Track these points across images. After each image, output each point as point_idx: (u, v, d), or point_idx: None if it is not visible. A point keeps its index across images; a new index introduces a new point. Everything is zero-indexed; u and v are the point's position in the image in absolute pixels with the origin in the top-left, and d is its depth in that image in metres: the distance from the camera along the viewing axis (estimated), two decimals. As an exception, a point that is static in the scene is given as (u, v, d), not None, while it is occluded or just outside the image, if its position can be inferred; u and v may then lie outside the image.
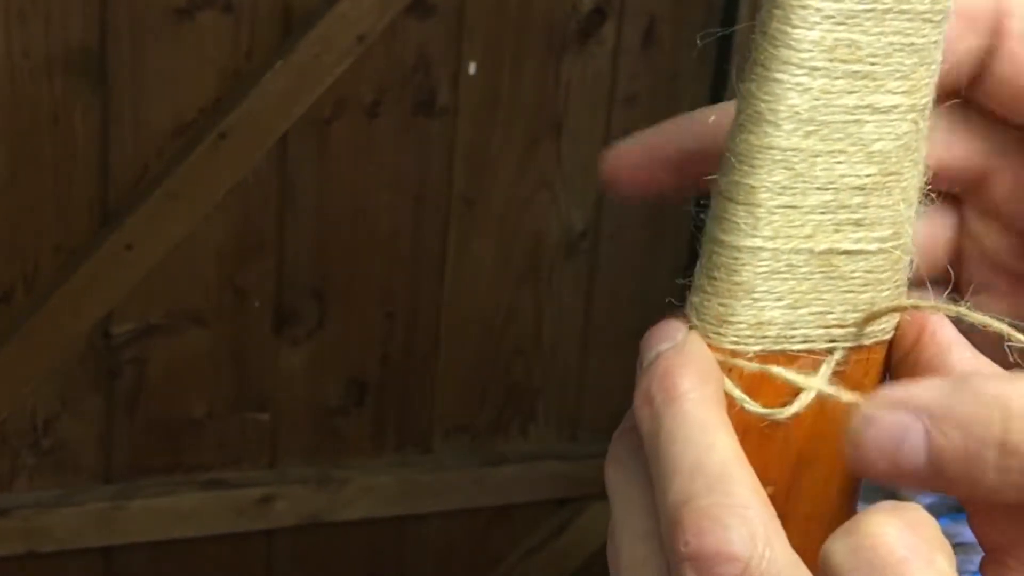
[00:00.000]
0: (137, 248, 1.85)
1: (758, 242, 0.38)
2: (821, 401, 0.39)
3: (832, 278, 0.38)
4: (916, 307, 0.39)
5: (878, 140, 0.38)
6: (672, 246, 2.09)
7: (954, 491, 0.35)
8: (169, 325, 1.93)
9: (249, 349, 1.98)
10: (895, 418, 0.35)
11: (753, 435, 0.38)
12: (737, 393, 0.38)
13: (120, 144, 1.83)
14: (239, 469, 2.02)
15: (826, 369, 0.39)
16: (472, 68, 1.93)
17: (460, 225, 2.01)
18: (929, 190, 0.40)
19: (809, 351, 0.39)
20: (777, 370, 0.39)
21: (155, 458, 1.99)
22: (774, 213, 0.38)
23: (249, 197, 1.90)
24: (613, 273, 2.09)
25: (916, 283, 0.41)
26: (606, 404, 2.16)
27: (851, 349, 0.39)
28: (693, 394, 0.37)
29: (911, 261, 0.40)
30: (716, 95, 2.03)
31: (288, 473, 2.04)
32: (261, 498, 2.02)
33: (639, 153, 0.43)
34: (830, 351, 0.39)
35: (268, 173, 1.90)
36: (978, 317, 0.38)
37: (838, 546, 0.33)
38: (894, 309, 0.39)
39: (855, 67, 0.37)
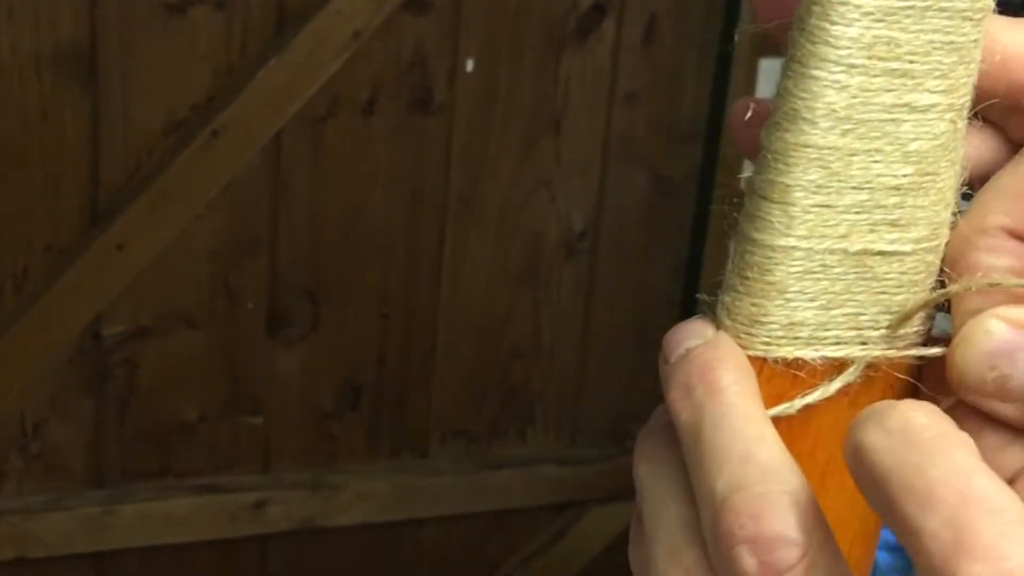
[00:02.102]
0: (128, 248, 1.84)
1: (792, 241, 0.38)
2: (851, 407, 0.39)
3: (866, 279, 0.38)
4: (946, 296, 0.39)
5: (915, 139, 0.37)
6: (672, 246, 2.08)
7: None
8: (160, 327, 1.92)
9: (242, 351, 1.97)
10: (1018, 334, 0.36)
11: (798, 436, 0.38)
12: None
13: (110, 142, 1.82)
14: (232, 474, 2.02)
15: (854, 369, 0.39)
16: (469, 65, 1.92)
17: (457, 225, 2.00)
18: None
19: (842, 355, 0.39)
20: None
21: (146, 462, 1.98)
22: (809, 212, 0.37)
23: (242, 196, 1.89)
24: (613, 274, 2.08)
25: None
26: (605, 408, 2.15)
27: (882, 353, 0.40)
28: (736, 387, 0.37)
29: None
30: (718, 93, 2.02)
31: (282, 478, 2.03)
32: (254, 503, 2.01)
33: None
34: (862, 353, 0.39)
35: (261, 172, 1.89)
36: (1014, 280, 0.38)
37: (870, 431, 0.33)
38: (925, 304, 0.39)
39: (893, 65, 0.37)
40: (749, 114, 0.40)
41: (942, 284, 0.39)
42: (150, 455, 1.98)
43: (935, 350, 0.39)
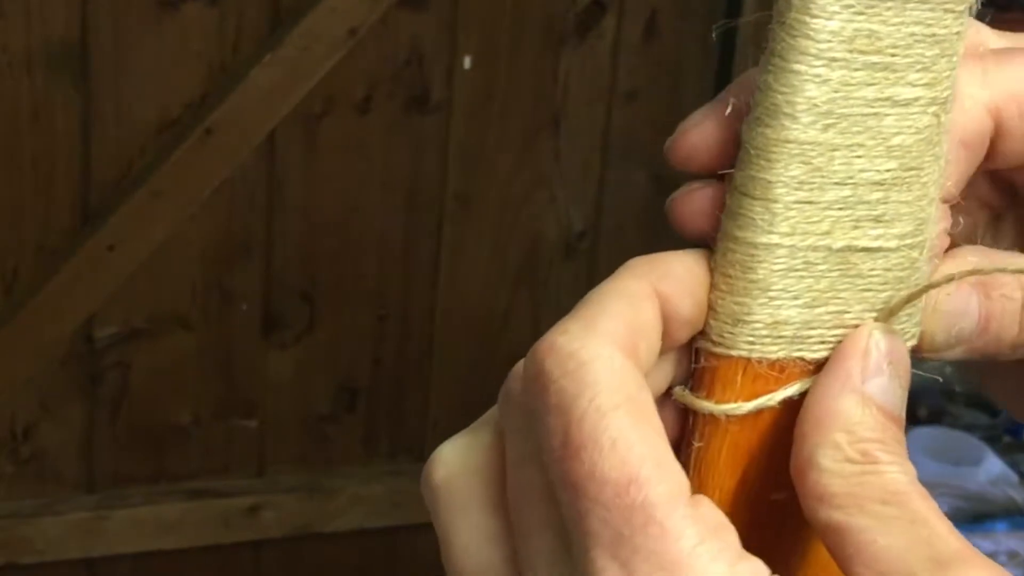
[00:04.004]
0: (120, 249, 1.84)
1: (774, 239, 0.37)
2: None
3: (850, 276, 0.38)
4: (929, 288, 0.38)
5: (898, 134, 0.37)
6: (672, 246, 2.07)
7: (988, 349, 0.40)
8: (153, 329, 1.91)
9: (236, 353, 1.96)
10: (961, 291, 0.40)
11: (769, 440, 0.38)
12: (689, 397, 0.39)
13: (102, 141, 1.81)
14: (226, 478, 2.01)
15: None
16: (467, 62, 1.92)
17: (455, 225, 1.99)
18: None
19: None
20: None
21: (139, 466, 1.97)
22: (791, 209, 0.37)
23: (236, 196, 1.88)
24: (613, 274, 2.07)
25: None
26: (606, 410, 2.14)
27: None
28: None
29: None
30: (720, 91, 2.00)
31: (277, 482, 2.02)
32: (249, 508, 2.01)
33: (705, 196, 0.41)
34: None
35: (255, 171, 1.88)
36: (992, 267, 0.39)
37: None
38: (909, 299, 0.38)
39: (875, 58, 0.36)
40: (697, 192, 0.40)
41: None
42: (142, 459, 1.97)
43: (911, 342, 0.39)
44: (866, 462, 0.35)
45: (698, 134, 0.40)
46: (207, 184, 1.85)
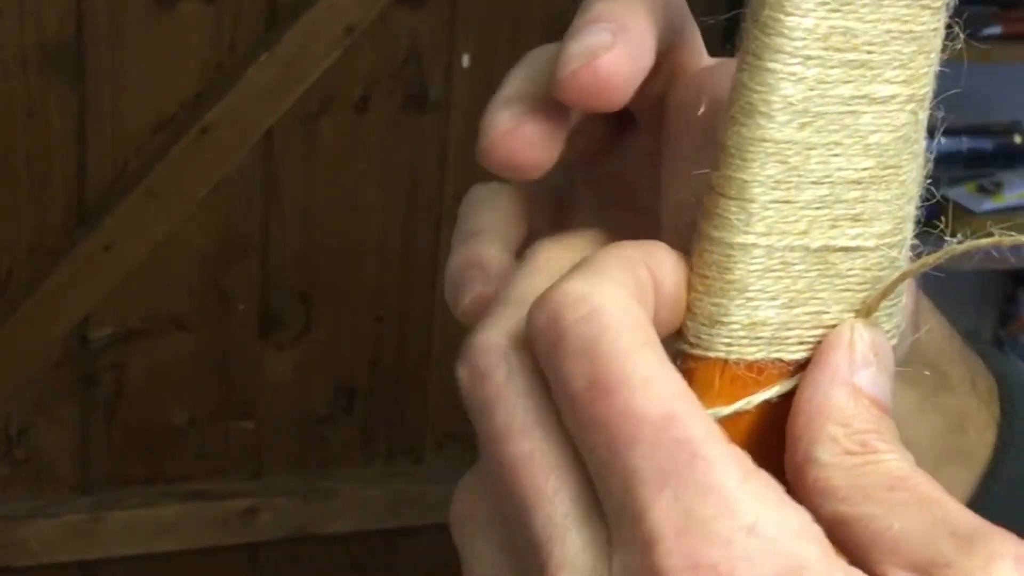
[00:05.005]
0: (116, 249, 1.84)
1: (751, 239, 0.37)
2: None
3: (828, 276, 0.38)
4: (904, 278, 0.38)
5: (875, 132, 0.37)
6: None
7: None
8: (149, 329, 1.91)
9: (233, 354, 1.96)
10: None
11: (747, 442, 0.37)
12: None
13: (98, 140, 1.81)
14: (222, 480, 2.01)
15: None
16: (466, 60, 1.91)
17: (453, 225, 1.95)
18: None
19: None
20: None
21: (135, 468, 1.97)
22: (767, 208, 0.37)
23: (233, 195, 1.88)
24: (614, 275, 2.07)
25: None
26: (606, 411, 2.14)
27: None
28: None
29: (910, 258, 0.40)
30: (721, 89, 2.00)
31: (273, 484, 2.02)
32: (245, 510, 2.00)
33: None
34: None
35: (252, 170, 1.87)
36: (964, 246, 0.38)
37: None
38: (885, 293, 0.38)
39: (851, 56, 0.36)
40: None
41: None
42: (138, 461, 1.97)
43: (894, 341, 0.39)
44: (866, 452, 0.35)
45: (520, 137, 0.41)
46: (204, 184, 1.84)
